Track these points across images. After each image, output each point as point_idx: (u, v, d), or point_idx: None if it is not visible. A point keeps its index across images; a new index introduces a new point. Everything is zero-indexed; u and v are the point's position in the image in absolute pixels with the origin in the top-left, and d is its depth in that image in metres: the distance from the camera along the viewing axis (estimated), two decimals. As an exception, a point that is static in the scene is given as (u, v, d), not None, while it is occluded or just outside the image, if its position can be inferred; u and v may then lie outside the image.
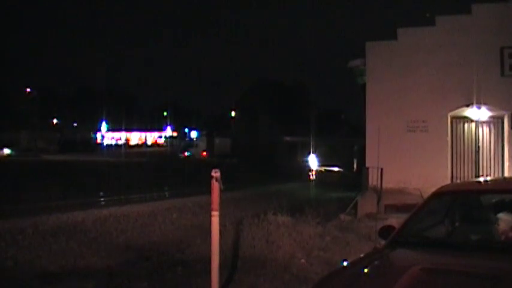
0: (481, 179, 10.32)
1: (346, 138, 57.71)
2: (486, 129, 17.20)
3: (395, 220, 9.21)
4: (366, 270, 4.63)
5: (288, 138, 68.57)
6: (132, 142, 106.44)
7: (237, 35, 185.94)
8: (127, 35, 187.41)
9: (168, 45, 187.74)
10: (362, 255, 5.16)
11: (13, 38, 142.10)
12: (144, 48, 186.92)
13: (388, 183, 16.51)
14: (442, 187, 6.20)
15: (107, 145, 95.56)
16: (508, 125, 16.74)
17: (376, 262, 4.79)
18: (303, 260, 9.56)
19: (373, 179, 16.96)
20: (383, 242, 5.45)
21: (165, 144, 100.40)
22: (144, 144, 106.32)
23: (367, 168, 17.40)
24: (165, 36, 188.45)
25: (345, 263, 5.12)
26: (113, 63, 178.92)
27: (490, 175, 16.68)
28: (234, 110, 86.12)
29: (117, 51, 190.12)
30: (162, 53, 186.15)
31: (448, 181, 15.86)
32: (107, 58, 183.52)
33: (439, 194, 5.97)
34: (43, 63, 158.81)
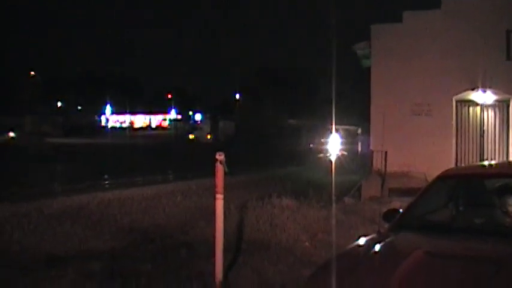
0: (486, 163, 10.32)
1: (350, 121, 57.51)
2: (491, 113, 17.12)
3: (399, 204, 9.21)
4: (369, 253, 4.64)
5: (292, 121, 68.56)
6: (137, 125, 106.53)
7: (242, 17, 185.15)
8: (131, 18, 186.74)
9: (172, 27, 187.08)
10: (365, 239, 5.16)
11: (16, 21, 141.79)
12: (148, 31, 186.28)
13: (392, 166, 16.50)
14: (447, 171, 6.19)
15: (112, 128, 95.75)
16: (514, 109, 16.68)
17: (379, 245, 4.79)
18: (307, 243, 9.59)
19: (377, 163, 16.97)
20: (387, 226, 5.45)
21: (169, 127, 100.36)
22: (149, 127, 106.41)
23: (372, 152, 17.40)
24: (169, 19, 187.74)
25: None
26: (117, 46, 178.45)
27: (494, 159, 16.65)
28: (239, 93, 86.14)
29: (121, 34, 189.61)
30: (166, 35, 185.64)
31: (453, 165, 15.83)
32: (110, 41, 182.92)
33: (444, 178, 5.96)
34: (46, 47, 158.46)
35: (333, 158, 15.25)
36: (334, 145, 16.36)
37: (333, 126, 16.61)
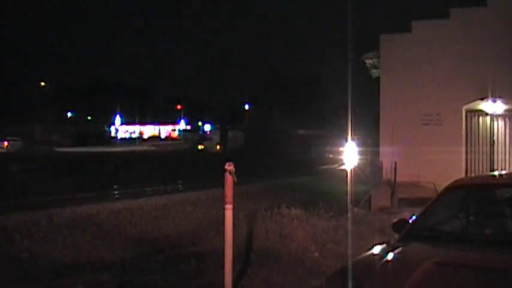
0: (496, 173, 10.27)
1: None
2: (501, 122, 17.05)
3: (409, 214, 9.18)
4: (379, 264, 4.62)
5: (301, 131, 68.52)
6: (146, 135, 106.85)
7: (249, 27, 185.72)
8: (140, 28, 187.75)
9: (180, 37, 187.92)
10: (375, 250, 5.14)
11: (27, 31, 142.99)
12: (157, 40, 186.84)
13: (402, 176, 16.44)
14: (457, 181, 6.16)
15: (121, 138, 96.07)
16: (524, 119, 16.61)
17: (389, 256, 4.78)
18: (316, 254, 9.56)
19: (386, 173, 16.92)
20: (396, 236, 5.43)
21: (178, 137, 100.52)
22: (158, 137, 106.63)
23: (381, 162, 17.35)
24: (178, 29, 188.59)
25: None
26: (126, 56, 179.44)
27: (504, 169, 16.56)
28: (248, 103, 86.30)
29: (130, 44, 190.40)
30: (175, 46, 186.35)
31: (463, 175, 15.73)
32: (120, 51, 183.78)
33: (454, 188, 5.94)
34: (57, 57, 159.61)
35: (349, 168, 15.18)
36: (351, 155, 16.26)
37: (350, 136, 16.52)
